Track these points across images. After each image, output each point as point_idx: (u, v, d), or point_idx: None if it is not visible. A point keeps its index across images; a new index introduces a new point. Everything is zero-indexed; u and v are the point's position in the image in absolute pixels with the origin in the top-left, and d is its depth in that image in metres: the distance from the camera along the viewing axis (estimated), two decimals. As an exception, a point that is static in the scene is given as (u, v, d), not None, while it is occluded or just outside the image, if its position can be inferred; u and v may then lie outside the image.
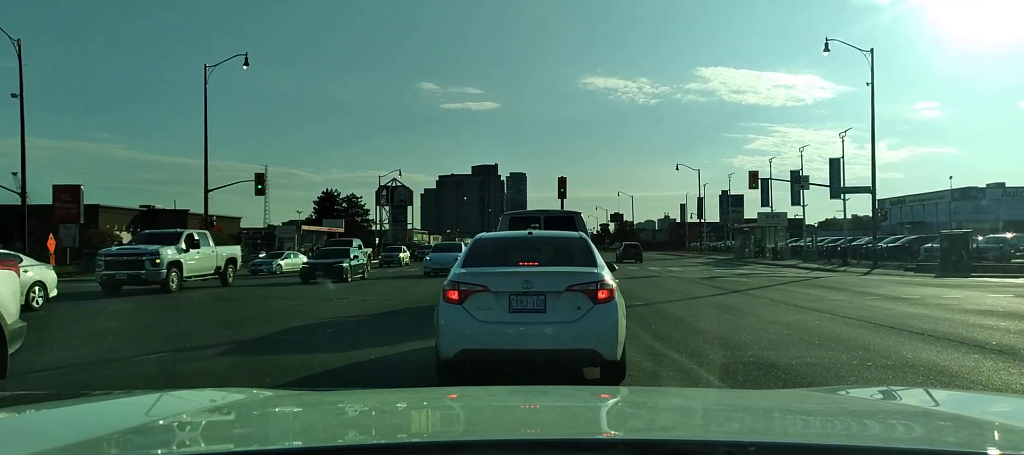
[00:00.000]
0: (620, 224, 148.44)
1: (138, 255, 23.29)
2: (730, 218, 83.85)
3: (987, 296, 18.51)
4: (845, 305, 16.20)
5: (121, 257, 23.60)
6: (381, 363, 8.81)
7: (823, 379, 7.52)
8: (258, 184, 42.58)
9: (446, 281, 7.11)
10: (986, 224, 58.57)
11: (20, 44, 32.70)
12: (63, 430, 2.04)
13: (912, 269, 34.69)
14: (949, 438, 1.85)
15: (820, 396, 2.69)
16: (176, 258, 24.06)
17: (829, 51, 40.96)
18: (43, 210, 41.50)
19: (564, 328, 6.64)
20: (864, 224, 67.11)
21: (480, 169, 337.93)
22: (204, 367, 8.74)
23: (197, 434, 2.02)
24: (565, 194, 44.08)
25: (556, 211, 17.42)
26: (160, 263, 23.09)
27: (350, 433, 2.03)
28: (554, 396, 2.59)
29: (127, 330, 13.11)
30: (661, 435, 1.84)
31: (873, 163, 41.58)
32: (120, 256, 23.69)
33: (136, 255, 23.36)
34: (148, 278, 23.10)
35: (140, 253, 23.39)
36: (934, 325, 11.96)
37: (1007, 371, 7.93)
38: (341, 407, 2.40)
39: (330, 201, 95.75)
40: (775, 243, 59.06)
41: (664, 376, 7.77)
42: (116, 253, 24.16)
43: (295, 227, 71.66)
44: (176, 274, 23.90)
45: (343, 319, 14.36)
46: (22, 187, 33.94)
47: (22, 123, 32.98)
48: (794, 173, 57.28)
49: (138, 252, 23.52)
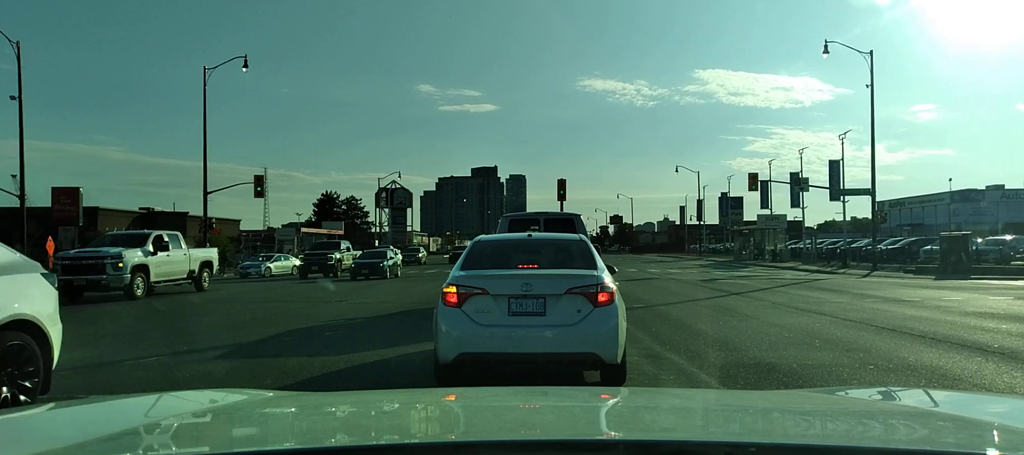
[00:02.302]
0: (619, 226, 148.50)
1: (99, 258, 21.35)
2: (729, 220, 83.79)
3: (987, 298, 18.51)
4: (845, 307, 16.20)
5: (80, 261, 21.62)
6: (380, 365, 8.80)
7: (823, 381, 7.51)
8: (257, 186, 42.59)
9: (445, 284, 7.10)
10: (985, 226, 58.59)
11: (19, 46, 32.70)
12: (63, 430, 2.04)
13: (912, 271, 34.68)
14: (949, 439, 1.85)
15: (820, 397, 2.70)
16: (142, 262, 22.18)
17: (828, 53, 40.93)
18: (42, 212, 41.44)
19: (564, 331, 6.62)
20: (864, 226, 67.12)
21: (479, 171, 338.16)
22: (204, 368, 8.74)
23: (197, 435, 2.03)
24: (565, 196, 44.07)
25: (556, 213, 17.38)
26: (123, 267, 21.26)
27: (350, 434, 2.03)
28: (554, 397, 2.59)
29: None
30: (661, 436, 1.84)
31: (873, 165, 41.58)
32: (79, 260, 21.78)
33: (97, 258, 21.39)
34: (110, 284, 21.24)
35: (101, 256, 21.45)
36: (935, 328, 11.95)
37: (1010, 374, 7.93)
38: (341, 408, 2.39)
39: (330, 203, 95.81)
40: (774, 245, 59.03)
41: (664, 378, 7.76)
42: (74, 257, 22.32)
43: (295, 229, 71.72)
44: (142, 279, 22.06)
45: (342, 322, 14.35)
46: (21, 189, 33.91)
47: (21, 125, 32.97)
48: (793, 175, 57.19)
49: (99, 255, 21.58)
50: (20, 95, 32.79)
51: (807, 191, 55.18)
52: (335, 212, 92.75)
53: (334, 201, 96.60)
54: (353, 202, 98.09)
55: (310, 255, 39.62)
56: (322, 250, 39.84)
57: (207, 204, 40.36)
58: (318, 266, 37.32)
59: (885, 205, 67.84)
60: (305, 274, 37.25)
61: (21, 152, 33.20)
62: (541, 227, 13.93)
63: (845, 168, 50.38)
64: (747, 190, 53.94)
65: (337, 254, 38.21)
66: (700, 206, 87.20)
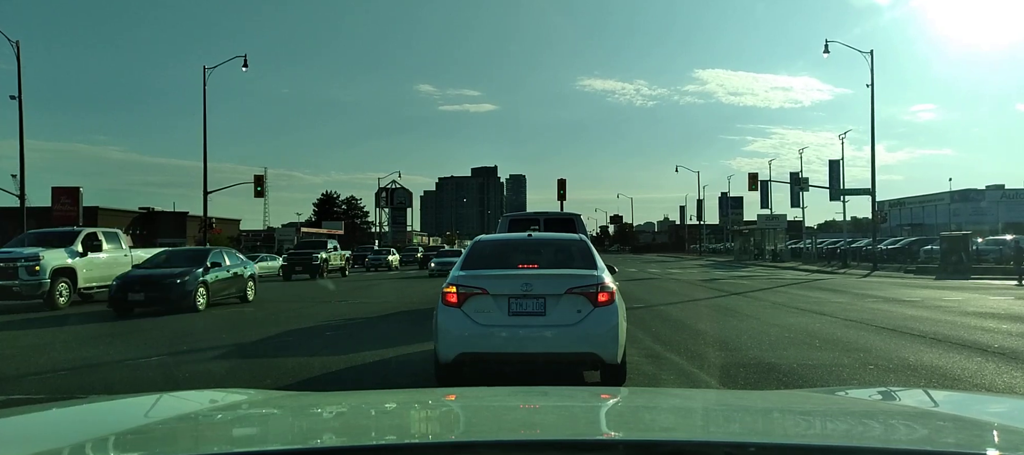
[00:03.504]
0: (619, 226, 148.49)
1: (10, 261, 17.44)
2: (729, 220, 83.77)
3: (988, 298, 18.51)
4: (845, 307, 16.20)
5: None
6: (380, 365, 8.80)
7: (824, 381, 7.51)
8: (257, 186, 42.56)
9: (445, 283, 7.10)
10: (986, 226, 58.51)
11: (19, 46, 32.70)
12: (63, 431, 2.04)
13: (912, 271, 34.67)
14: (949, 439, 1.85)
15: (820, 397, 2.70)
16: (66, 264, 18.23)
17: (829, 53, 40.91)
18: (42, 212, 41.46)
19: (564, 331, 6.62)
20: (864, 226, 67.10)
21: (479, 171, 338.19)
22: (204, 368, 8.74)
23: (197, 435, 2.03)
24: (565, 196, 44.04)
25: (556, 213, 17.38)
26: (41, 271, 17.42)
27: (350, 434, 2.03)
28: (554, 397, 2.59)
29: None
30: (661, 436, 1.84)
31: (873, 165, 41.55)
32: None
33: (7, 261, 17.45)
34: (23, 291, 17.36)
35: (12, 258, 17.54)
36: (935, 328, 11.95)
37: (1010, 374, 7.92)
38: (341, 408, 2.40)
39: (330, 203, 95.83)
40: (775, 245, 59.00)
41: (664, 378, 7.76)
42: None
43: (295, 229, 71.74)
44: (66, 286, 18.08)
45: (342, 321, 14.34)
46: (21, 189, 33.90)
47: (21, 125, 32.97)
48: (793, 175, 57.20)
49: (10, 257, 17.61)
50: (20, 95, 32.78)
51: (807, 191, 55.23)
52: (335, 212, 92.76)
53: (334, 201, 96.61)
54: (353, 202, 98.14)
55: (294, 255, 37.41)
56: (307, 249, 37.50)
57: (207, 204, 40.34)
58: (303, 266, 35.55)
59: (885, 205, 67.86)
60: (289, 275, 35.31)
61: (21, 152, 33.21)
62: (541, 227, 13.94)
63: (845, 168, 50.49)
64: (747, 190, 53.89)
65: (323, 254, 36.24)
66: (700, 206, 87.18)
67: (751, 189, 53.00)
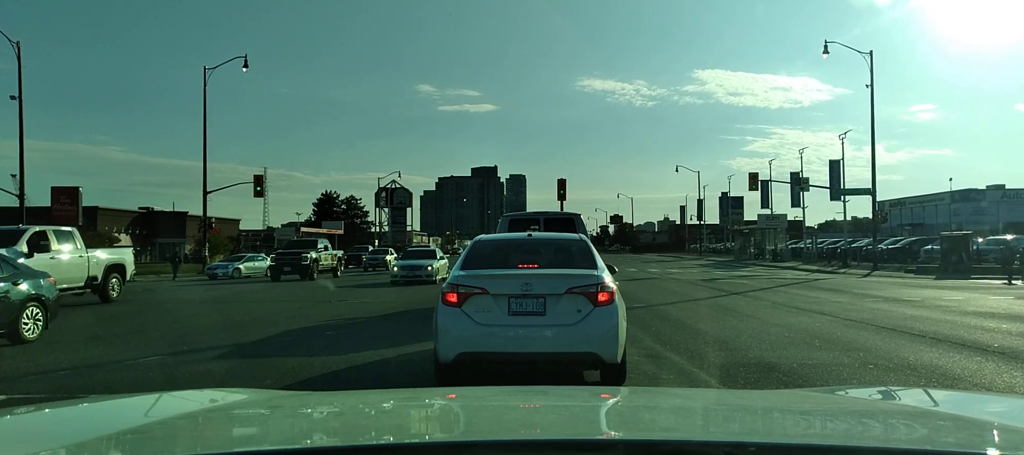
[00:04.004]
0: (620, 226, 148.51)
1: None
2: (730, 220, 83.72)
3: (988, 298, 18.51)
4: (845, 307, 16.20)
5: None
6: (380, 365, 8.80)
7: (824, 381, 7.51)
8: (257, 186, 42.64)
9: (445, 283, 7.10)
10: (986, 226, 58.52)
11: (19, 46, 32.73)
12: (63, 430, 2.04)
13: (912, 271, 34.68)
14: (949, 438, 1.85)
15: (820, 397, 2.70)
16: None
17: (828, 53, 40.98)
18: (41, 212, 41.41)
19: (564, 331, 6.62)
20: (864, 226, 67.08)
21: (479, 171, 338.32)
22: (204, 368, 8.74)
23: (197, 435, 2.02)
24: (565, 196, 44.13)
25: (556, 213, 17.37)
26: None
27: (350, 434, 2.03)
28: (554, 396, 2.59)
29: None
30: (661, 435, 1.84)
31: (873, 165, 41.61)
32: None
33: None
34: None
35: None
36: (935, 327, 11.96)
37: (1010, 374, 7.92)
38: (341, 408, 2.40)
39: (329, 203, 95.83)
40: (775, 245, 59.00)
41: (664, 378, 7.76)
42: None
43: (294, 229, 71.69)
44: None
45: (342, 321, 14.34)
46: (20, 189, 33.94)
47: (21, 125, 32.99)
48: (794, 175, 57.17)
49: None
50: (20, 95, 32.81)
51: (807, 191, 55.23)
52: (335, 212, 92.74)
53: (334, 201, 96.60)
54: (353, 202, 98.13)
55: (283, 255, 35.74)
56: (296, 249, 36.07)
57: (207, 204, 40.36)
58: (292, 266, 33.82)
59: (885, 205, 67.81)
60: (277, 275, 33.67)
61: (21, 152, 33.23)
62: (541, 227, 13.93)
63: (845, 168, 50.42)
64: (747, 190, 54.06)
65: (313, 253, 34.73)
66: (700, 206, 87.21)
67: (751, 189, 53.14)
